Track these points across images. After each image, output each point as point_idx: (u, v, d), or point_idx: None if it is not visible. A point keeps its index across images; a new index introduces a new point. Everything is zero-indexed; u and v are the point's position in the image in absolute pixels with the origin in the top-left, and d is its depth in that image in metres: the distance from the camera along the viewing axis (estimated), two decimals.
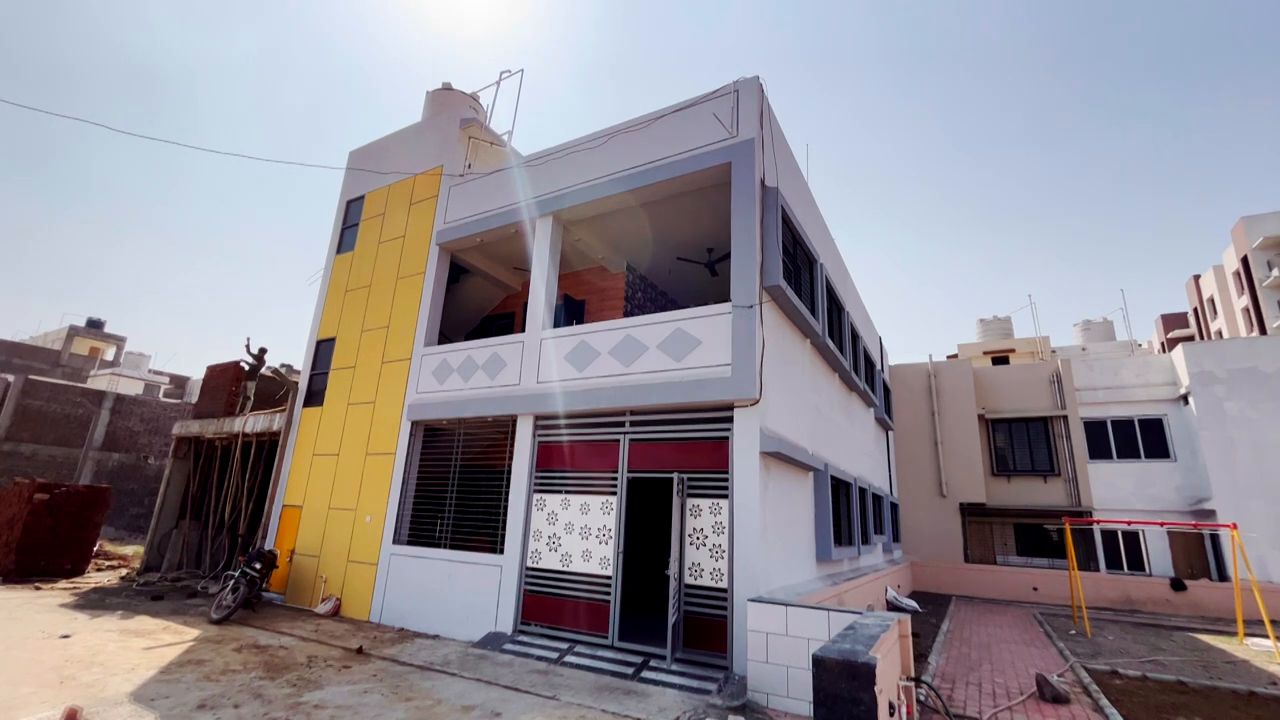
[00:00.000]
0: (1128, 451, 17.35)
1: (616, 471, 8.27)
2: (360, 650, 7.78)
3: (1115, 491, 17.07)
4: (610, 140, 9.78)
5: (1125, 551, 16.67)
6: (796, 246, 9.56)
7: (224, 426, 13.99)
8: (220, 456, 14.64)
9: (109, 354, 48.06)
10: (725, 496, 7.43)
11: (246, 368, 15.06)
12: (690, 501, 7.66)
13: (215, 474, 14.57)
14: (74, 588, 11.82)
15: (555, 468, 8.89)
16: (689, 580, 7.39)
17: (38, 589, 11.45)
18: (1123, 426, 17.55)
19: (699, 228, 10.79)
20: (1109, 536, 16.88)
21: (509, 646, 8.00)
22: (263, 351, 14.92)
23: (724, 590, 7.14)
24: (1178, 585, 14.94)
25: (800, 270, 9.93)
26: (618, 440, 8.40)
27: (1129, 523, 12.87)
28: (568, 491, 8.65)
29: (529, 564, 8.65)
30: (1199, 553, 16.09)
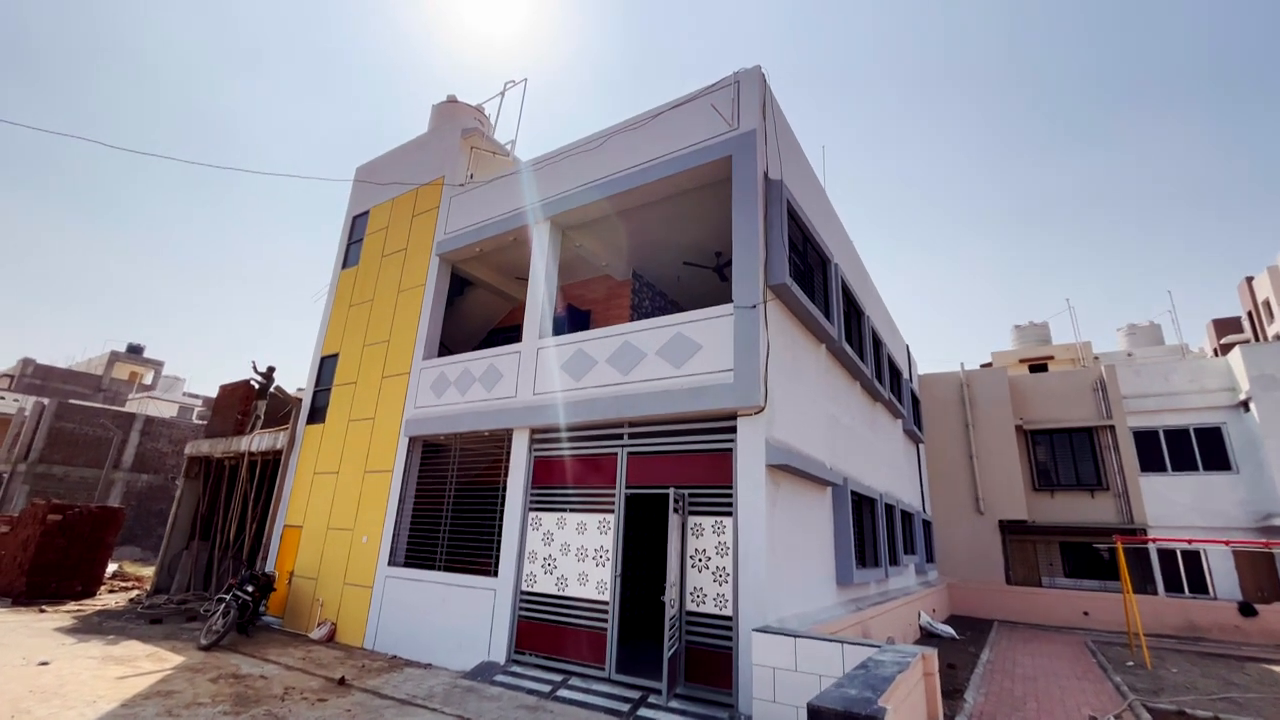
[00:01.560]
0: (1183, 463, 16.01)
1: (614, 487, 7.70)
2: (342, 681, 7.31)
3: (1171, 507, 15.72)
4: (607, 141, 9.38)
5: (1185, 572, 15.28)
6: (807, 244, 8.96)
7: (231, 445, 13.87)
8: (229, 476, 14.51)
9: (148, 378, 49.48)
10: (729, 514, 6.80)
11: (256, 386, 14.99)
12: (692, 520, 7.04)
13: (224, 494, 14.44)
14: (79, 610, 11.67)
15: (551, 484, 8.36)
16: (690, 607, 6.74)
17: (42, 611, 11.32)
18: (1177, 436, 16.23)
19: (705, 230, 10.26)
20: (1167, 556, 15.52)
21: (500, 678, 7.43)
22: (270, 370, 14.84)
23: (728, 618, 6.47)
24: (1247, 610, 13.57)
25: (812, 270, 9.32)
26: (615, 454, 7.85)
27: (1189, 541, 11.70)
28: (564, 510, 8.10)
29: (524, 588, 8.09)
30: (1270, 573, 14.64)
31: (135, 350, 49.73)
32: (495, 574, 8.39)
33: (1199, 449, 15.86)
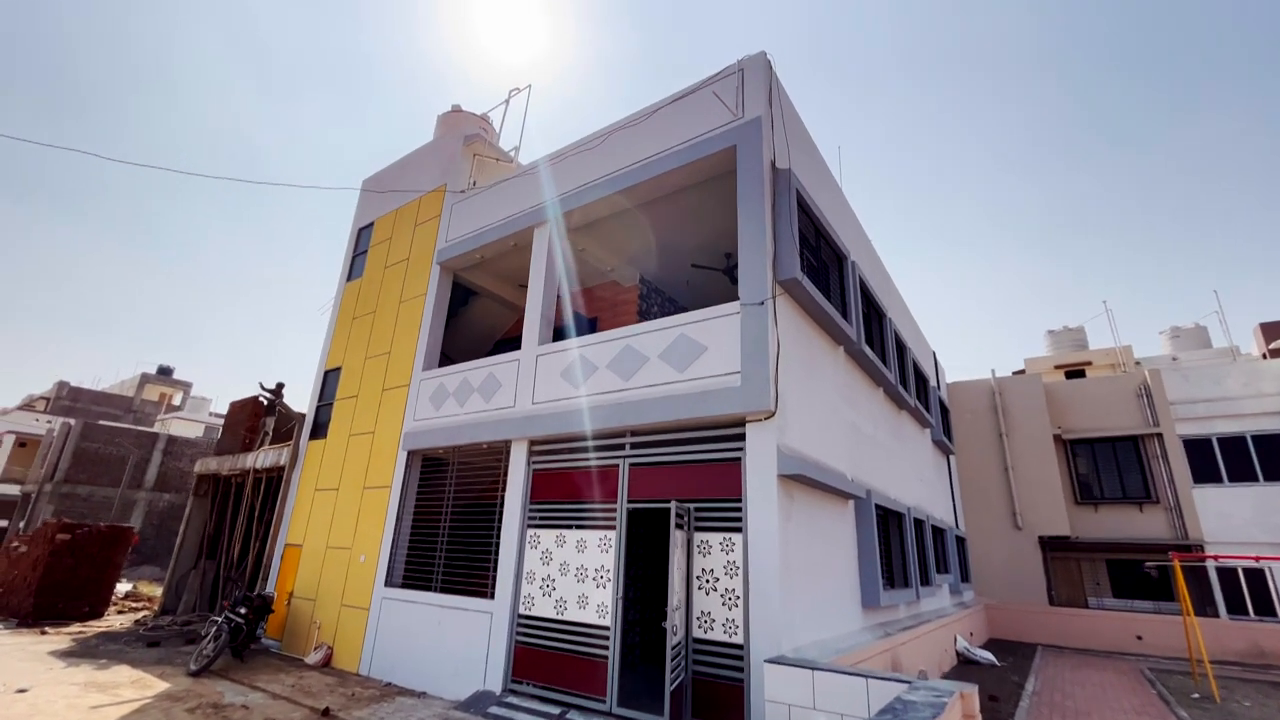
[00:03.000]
0: (1241, 473, 14.83)
1: (615, 502, 7.15)
2: (326, 712, 6.82)
3: (1229, 521, 14.54)
4: (607, 139, 8.98)
5: (1249, 592, 14.05)
6: (820, 239, 8.39)
7: (238, 463, 13.66)
8: (235, 494, 14.31)
9: (177, 399, 50.42)
10: (739, 530, 6.20)
11: (265, 403, 14.83)
12: (698, 536, 6.44)
13: (230, 512, 14.22)
14: (80, 632, 11.43)
15: (550, 499, 7.85)
16: (698, 634, 6.13)
17: (44, 633, 11.11)
18: (1232, 444, 15.06)
19: (713, 231, 9.76)
20: (1227, 575, 14.31)
21: (495, 709, 6.87)
22: (279, 386, 14.67)
23: (739, 647, 5.84)
24: None
25: (827, 268, 8.73)
26: (616, 465, 7.31)
27: (1256, 558, 10.64)
28: (563, 526, 7.57)
29: (521, 611, 7.55)
30: None
31: (165, 372, 50.77)
32: (492, 596, 7.87)
33: (1258, 458, 14.69)
